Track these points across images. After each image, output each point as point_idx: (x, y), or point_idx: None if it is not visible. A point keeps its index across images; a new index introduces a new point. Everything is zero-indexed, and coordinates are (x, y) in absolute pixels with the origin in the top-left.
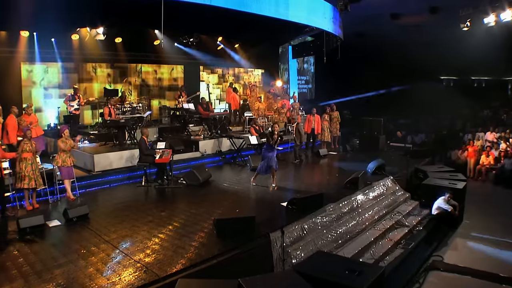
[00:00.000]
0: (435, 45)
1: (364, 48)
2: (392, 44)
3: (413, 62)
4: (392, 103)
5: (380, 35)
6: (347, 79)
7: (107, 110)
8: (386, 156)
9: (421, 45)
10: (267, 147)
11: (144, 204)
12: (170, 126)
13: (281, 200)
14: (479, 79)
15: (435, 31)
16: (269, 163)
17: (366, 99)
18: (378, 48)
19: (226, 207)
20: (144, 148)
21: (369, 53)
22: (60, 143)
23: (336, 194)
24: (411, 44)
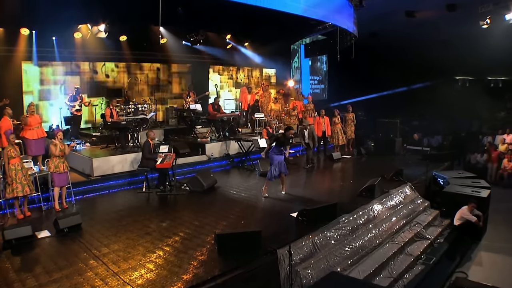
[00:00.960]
0: (451, 44)
1: (378, 47)
2: (407, 44)
3: (428, 62)
4: (406, 104)
5: (394, 34)
6: (360, 79)
7: (108, 111)
8: (403, 160)
9: (437, 44)
10: (275, 150)
11: (143, 212)
12: (176, 127)
13: (290, 210)
14: (495, 79)
15: (452, 29)
16: (280, 169)
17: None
18: (392, 47)
19: (231, 218)
20: (146, 152)
21: (382, 53)
22: (52, 147)
23: (350, 203)
24: (427, 43)
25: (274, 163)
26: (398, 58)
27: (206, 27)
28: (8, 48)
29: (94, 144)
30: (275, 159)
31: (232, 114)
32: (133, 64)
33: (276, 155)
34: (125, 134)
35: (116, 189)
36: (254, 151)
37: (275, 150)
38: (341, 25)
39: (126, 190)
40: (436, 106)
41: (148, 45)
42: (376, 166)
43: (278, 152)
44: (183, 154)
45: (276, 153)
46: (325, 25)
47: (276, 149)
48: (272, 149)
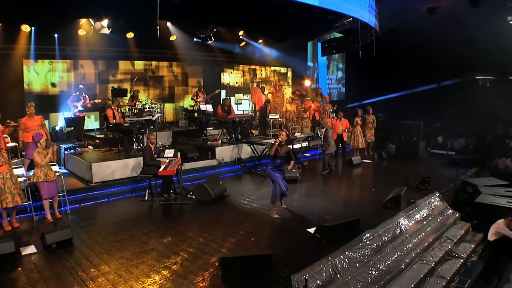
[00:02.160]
0: (474, 41)
1: (397, 45)
2: (427, 41)
3: (449, 60)
4: (426, 105)
5: (415, 31)
6: (379, 79)
7: (110, 112)
8: (427, 166)
9: (459, 41)
10: (272, 164)
11: (143, 225)
12: (185, 129)
13: (307, 225)
14: None
15: (475, 26)
16: (281, 189)
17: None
18: (412, 45)
19: (240, 235)
20: (148, 158)
21: (402, 51)
22: (36, 157)
23: (373, 216)
24: (448, 41)
25: (274, 181)
26: (418, 57)
27: (216, 21)
28: (8, 46)
29: (98, 147)
30: (274, 176)
31: (244, 115)
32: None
33: (275, 171)
34: (129, 136)
35: (117, 197)
36: (268, 155)
37: (273, 165)
38: (362, 19)
39: (128, 198)
40: (458, 107)
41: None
42: (399, 172)
43: (276, 168)
44: (191, 158)
45: (274, 169)
46: (343, 21)
47: (272, 164)
48: (270, 165)
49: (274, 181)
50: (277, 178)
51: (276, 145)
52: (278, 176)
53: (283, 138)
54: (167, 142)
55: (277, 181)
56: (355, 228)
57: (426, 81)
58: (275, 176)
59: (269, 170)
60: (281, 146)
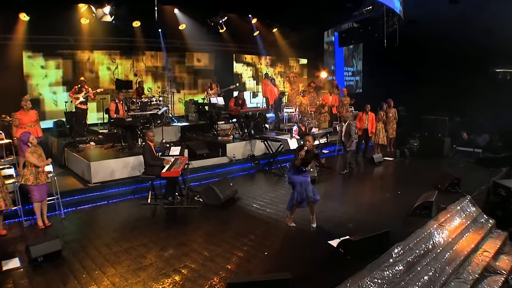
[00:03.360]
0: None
1: (417, 36)
2: (448, 32)
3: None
4: (445, 99)
5: (435, 21)
6: (397, 71)
7: (113, 106)
8: (454, 165)
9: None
10: (294, 169)
11: (142, 234)
12: (196, 123)
13: (327, 235)
14: None
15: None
16: (304, 194)
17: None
18: (432, 36)
19: (251, 247)
20: (148, 157)
21: (421, 42)
22: (30, 157)
23: (402, 224)
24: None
25: (295, 186)
26: (437, 49)
27: (226, 7)
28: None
29: (100, 143)
30: (296, 180)
31: (258, 109)
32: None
33: (297, 175)
34: (133, 132)
35: (117, 199)
36: (284, 152)
37: (295, 170)
38: (387, 3)
39: (129, 200)
40: (478, 100)
41: (166, 31)
42: (424, 172)
43: (298, 172)
44: (200, 155)
45: (296, 173)
46: (362, 10)
47: (296, 168)
48: (291, 169)
49: (294, 187)
50: (296, 186)
51: (302, 155)
52: (296, 182)
53: (310, 144)
54: (175, 138)
55: (295, 191)
56: (384, 242)
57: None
58: (294, 182)
59: (290, 173)
60: (308, 153)
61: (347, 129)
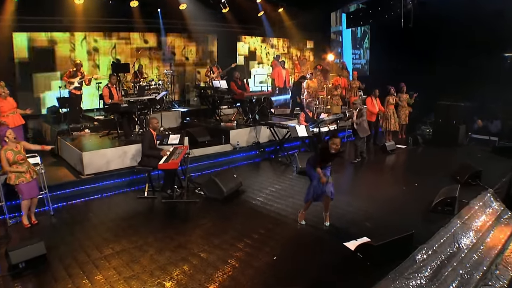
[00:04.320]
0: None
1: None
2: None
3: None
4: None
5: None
6: (406, 54)
7: (106, 91)
8: (470, 153)
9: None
10: (312, 163)
11: (138, 233)
12: (198, 108)
13: (342, 236)
14: None
15: None
16: (321, 189)
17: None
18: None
19: (255, 248)
20: (146, 147)
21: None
22: (3, 155)
23: (422, 222)
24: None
25: (314, 180)
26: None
27: None
28: None
29: (96, 131)
30: (316, 175)
31: (263, 93)
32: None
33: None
34: (129, 119)
35: (112, 192)
36: (291, 139)
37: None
38: None
39: (125, 193)
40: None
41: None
42: (440, 162)
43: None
44: (202, 143)
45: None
46: None
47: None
48: (309, 163)
49: (311, 182)
50: (314, 181)
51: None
52: (315, 176)
53: (336, 147)
54: (175, 124)
55: (312, 185)
56: (407, 245)
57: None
58: (314, 177)
59: (309, 166)
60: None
61: (359, 115)
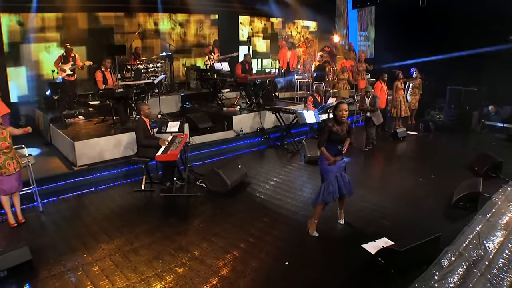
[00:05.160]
0: None
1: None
2: None
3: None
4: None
5: None
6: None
7: (99, 75)
8: (484, 141)
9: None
10: (332, 150)
11: (133, 233)
12: (198, 92)
13: (359, 236)
14: None
15: None
16: (338, 186)
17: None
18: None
19: (265, 252)
20: (141, 137)
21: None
22: None
23: (444, 220)
24: None
25: (327, 176)
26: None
27: None
28: None
29: (90, 117)
30: (328, 170)
31: (268, 75)
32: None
33: (329, 164)
34: (125, 104)
35: (107, 184)
36: (298, 124)
37: (331, 150)
38: None
39: (120, 185)
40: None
41: None
42: (454, 150)
43: (335, 153)
44: (203, 129)
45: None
46: None
47: (330, 150)
48: (322, 156)
49: (323, 179)
50: (328, 176)
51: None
52: (329, 171)
53: (345, 114)
54: (175, 109)
55: (326, 181)
56: (433, 249)
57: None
58: (327, 173)
59: (322, 161)
60: (340, 125)
61: (372, 102)
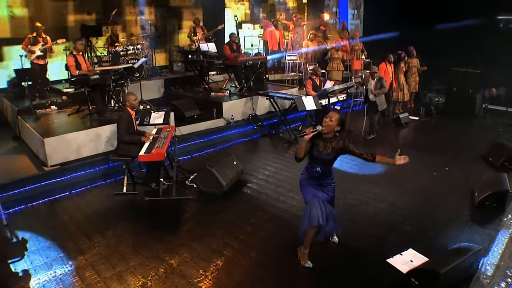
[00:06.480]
0: None
1: None
2: None
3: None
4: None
5: None
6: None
7: (71, 60)
8: (490, 127)
9: None
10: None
11: (115, 253)
12: (183, 75)
13: (382, 249)
14: None
15: None
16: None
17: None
18: None
19: (267, 271)
20: (123, 131)
21: None
22: None
23: (471, 224)
24: None
25: (307, 200)
26: None
27: None
28: None
29: (64, 107)
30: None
31: (259, 57)
32: None
33: (311, 183)
34: (102, 92)
35: (83, 186)
36: (294, 110)
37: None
38: None
39: (99, 187)
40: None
41: None
42: (461, 137)
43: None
44: (190, 118)
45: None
46: None
47: (309, 171)
48: (304, 173)
49: (307, 203)
50: (312, 198)
51: (308, 139)
52: (314, 194)
53: (330, 123)
54: (158, 94)
55: (311, 203)
56: (473, 264)
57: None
58: (309, 194)
59: (302, 180)
60: (324, 140)
61: (378, 84)
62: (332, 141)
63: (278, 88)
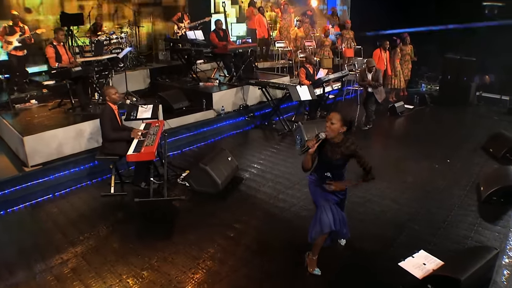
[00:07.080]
0: None
1: None
2: None
3: None
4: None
5: None
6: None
7: (51, 51)
8: (485, 116)
9: None
10: (317, 175)
11: (103, 266)
12: (167, 65)
13: (393, 252)
14: None
15: None
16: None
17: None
18: None
19: (279, 278)
20: (107, 129)
21: None
22: None
23: (480, 221)
24: None
25: (318, 202)
26: None
27: None
28: None
29: (45, 101)
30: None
31: (249, 45)
32: None
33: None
34: (85, 85)
35: (67, 188)
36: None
37: (319, 176)
38: None
39: (85, 188)
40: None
41: None
42: (458, 127)
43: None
44: (178, 110)
45: (321, 180)
46: None
47: (318, 175)
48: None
49: (318, 207)
50: (323, 202)
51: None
52: (324, 198)
53: (332, 126)
54: (144, 85)
55: (322, 208)
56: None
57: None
58: (319, 197)
59: (312, 183)
60: (331, 145)
61: (375, 76)
62: (340, 145)
63: (269, 77)
